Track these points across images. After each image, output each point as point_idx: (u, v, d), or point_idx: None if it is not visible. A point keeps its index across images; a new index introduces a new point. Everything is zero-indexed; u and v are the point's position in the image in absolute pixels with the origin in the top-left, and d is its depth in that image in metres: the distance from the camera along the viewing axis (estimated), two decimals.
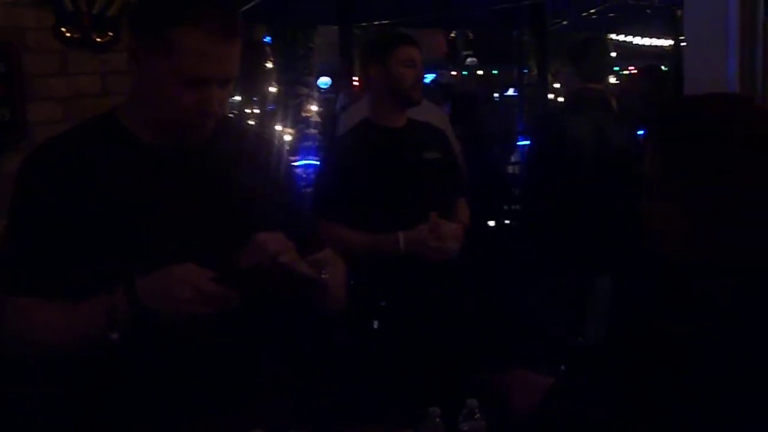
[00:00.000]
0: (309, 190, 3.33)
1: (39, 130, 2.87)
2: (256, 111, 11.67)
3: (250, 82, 11.19)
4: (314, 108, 11.36)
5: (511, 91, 14.67)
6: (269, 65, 11.51)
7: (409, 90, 3.10)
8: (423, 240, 2.92)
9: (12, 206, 1.72)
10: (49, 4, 2.97)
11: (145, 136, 1.74)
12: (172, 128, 1.71)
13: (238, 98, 12.42)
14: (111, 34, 3.09)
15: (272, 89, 11.55)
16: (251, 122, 11.37)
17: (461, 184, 3.38)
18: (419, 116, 3.35)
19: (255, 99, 11.76)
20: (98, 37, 3.08)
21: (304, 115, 11.12)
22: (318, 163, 3.31)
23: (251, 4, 8.38)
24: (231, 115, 2.00)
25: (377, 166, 3.04)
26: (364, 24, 10.05)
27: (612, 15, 11.19)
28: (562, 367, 2.67)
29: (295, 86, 11.42)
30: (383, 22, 9.97)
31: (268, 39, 11.70)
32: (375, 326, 3.03)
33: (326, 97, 12.51)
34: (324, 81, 13.29)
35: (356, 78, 8.07)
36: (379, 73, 3.10)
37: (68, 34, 3.02)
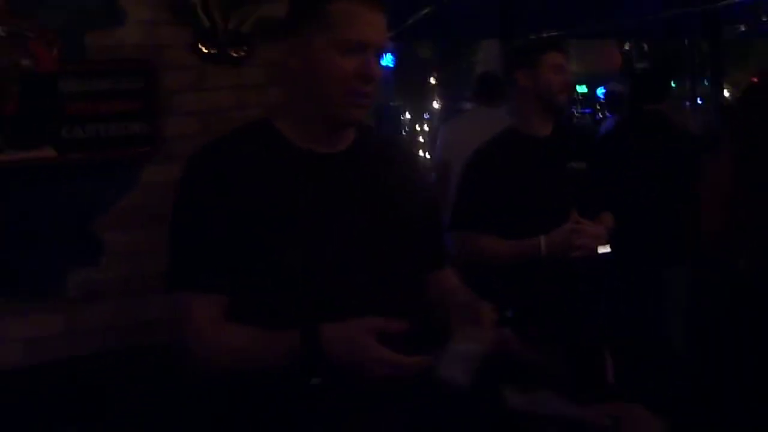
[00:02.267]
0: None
1: (176, 143, 2.97)
2: (425, 127, 11.76)
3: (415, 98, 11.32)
4: None
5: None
6: (432, 81, 11.56)
7: (557, 96, 3.06)
8: (564, 239, 2.86)
9: (176, 204, 1.82)
10: (187, 22, 3.07)
11: (296, 138, 1.83)
12: (331, 109, 1.78)
13: (408, 115, 12.58)
14: (246, 48, 3.16)
15: (436, 105, 11.60)
16: (420, 138, 11.47)
17: (608, 196, 3.27)
18: None
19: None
20: (234, 52, 3.16)
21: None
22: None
23: (413, 20, 8.49)
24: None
25: (523, 176, 3.00)
26: (529, 37, 9.94)
27: None
28: None
29: (459, 102, 11.41)
30: (550, 33, 9.81)
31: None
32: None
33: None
34: None
35: None
36: (526, 79, 3.06)
37: (205, 50, 3.11)
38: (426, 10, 8.33)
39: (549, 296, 2.95)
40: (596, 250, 2.92)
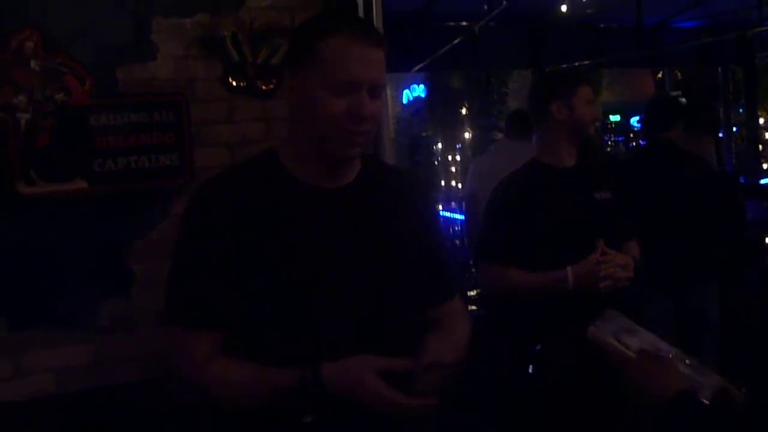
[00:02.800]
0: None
1: (206, 174, 2.98)
2: (457, 157, 11.79)
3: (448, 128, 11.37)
4: None
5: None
6: (463, 111, 11.60)
7: (588, 128, 3.07)
8: (591, 270, 2.84)
9: (179, 238, 1.82)
10: (217, 56, 3.13)
11: (298, 172, 1.81)
12: (328, 147, 1.75)
13: (440, 145, 12.62)
14: (275, 81, 3.21)
15: (467, 134, 11.62)
16: (452, 168, 11.49)
17: (633, 224, 3.25)
18: None
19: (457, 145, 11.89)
20: (263, 85, 3.20)
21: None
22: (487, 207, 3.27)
23: (444, 50, 8.53)
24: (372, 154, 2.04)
25: (548, 207, 3.00)
26: (561, 66, 9.94)
27: None
28: None
29: (490, 131, 11.44)
30: (582, 63, 9.81)
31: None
32: (530, 371, 2.95)
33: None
34: None
35: None
36: (561, 110, 3.06)
37: (234, 83, 3.16)
38: (457, 40, 8.36)
39: (577, 329, 2.93)
40: (624, 280, 2.90)
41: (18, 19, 2.84)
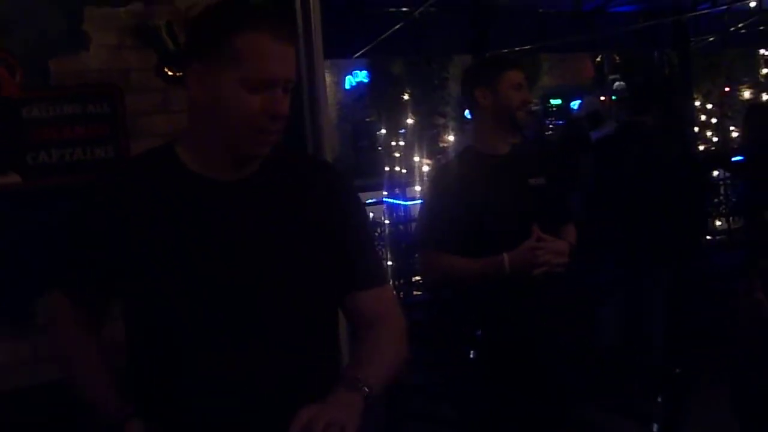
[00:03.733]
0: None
1: None
2: (400, 143, 11.79)
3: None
4: (452, 138, 11.35)
5: None
6: (406, 96, 11.61)
7: (516, 113, 3.07)
8: (526, 256, 2.87)
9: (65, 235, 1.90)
10: (151, 46, 3.07)
11: (194, 165, 1.76)
12: (236, 143, 1.71)
13: (383, 131, 12.61)
14: None
15: (409, 120, 11.63)
16: (395, 153, 11.49)
17: (568, 209, 3.30)
18: None
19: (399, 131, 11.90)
20: None
21: (441, 145, 11.14)
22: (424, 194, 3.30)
23: (385, 35, 8.52)
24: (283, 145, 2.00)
25: (483, 194, 3.01)
26: (502, 51, 9.99)
27: (763, 28, 10.67)
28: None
29: (432, 117, 11.46)
30: (523, 47, 9.87)
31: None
32: (471, 356, 2.98)
33: (467, 128, 12.49)
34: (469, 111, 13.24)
35: None
36: (486, 97, 3.07)
37: (170, 73, 3.12)
38: (398, 26, 8.36)
39: (516, 314, 2.96)
40: (559, 265, 2.93)
41: None
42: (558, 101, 17.60)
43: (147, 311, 1.75)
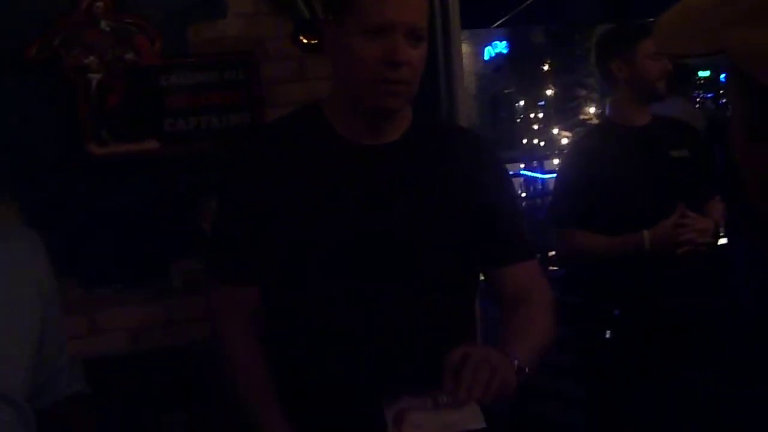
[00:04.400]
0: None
1: None
2: (539, 115, 11.57)
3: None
4: (593, 110, 11.05)
5: None
6: (546, 67, 11.36)
7: (656, 84, 2.93)
8: (669, 233, 2.74)
9: (220, 194, 1.89)
10: (287, 13, 3.07)
11: (341, 128, 1.75)
12: (366, 98, 1.68)
13: (522, 102, 12.41)
14: None
15: (549, 92, 11.37)
16: (533, 126, 11.30)
17: (714, 182, 3.12)
18: (665, 112, 3.15)
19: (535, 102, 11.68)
20: None
21: (582, 117, 10.84)
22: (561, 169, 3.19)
23: (525, 5, 8.35)
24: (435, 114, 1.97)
25: (622, 168, 2.89)
26: (646, 20, 9.62)
27: None
28: None
29: (573, 88, 11.16)
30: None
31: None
32: (607, 336, 2.88)
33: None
34: None
35: None
36: (622, 69, 2.93)
37: (305, 41, 3.10)
38: None
39: (657, 294, 2.83)
40: (704, 244, 2.78)
41: None
42: (707, 73, 16.88)
43: (294, 272, 1.74)
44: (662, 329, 2.83)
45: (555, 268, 4.95)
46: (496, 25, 9.13)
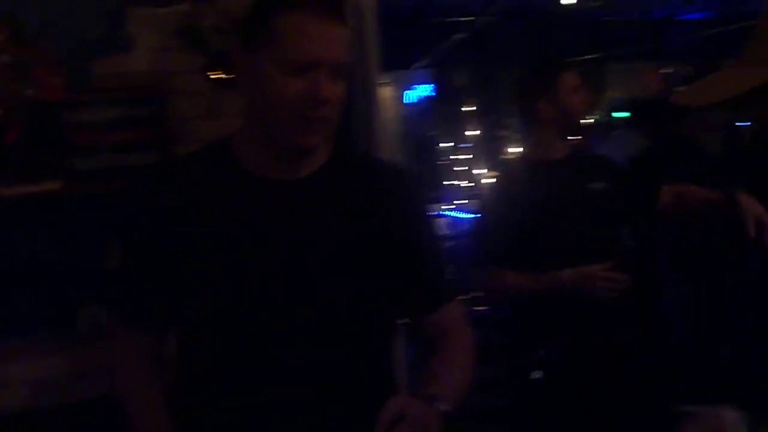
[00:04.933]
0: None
1: None
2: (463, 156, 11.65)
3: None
4: (516, 150, 11.15)
5: None
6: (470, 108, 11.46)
7: (578, 117, 2.91)
8: (591, 273, 2.68)
9: (124, 233, 1.75)
10: (198, 47, 2.97)
11: (249, 163, 1.66)
12: (283, 135, 1.59)
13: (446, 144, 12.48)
14: None
15: (472, 133, 11.46)
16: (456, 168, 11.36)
17: (629, 212, 3.09)
18: None
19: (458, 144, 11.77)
20: None
21: (504, 157, 10.94)
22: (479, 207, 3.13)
23: (444, 46, 8.41)
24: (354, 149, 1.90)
25: (541, 201, 2.84)
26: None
27: None
28: None
29: (495, 129, 11.27)
30: (586, 57, 9.65)
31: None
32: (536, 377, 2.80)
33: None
34: None
35: None
36: (546, 108, 2.90)
37: (218, 76, 3.00)
38: (462, 36, 8.24)
39: (580, 330, 2.77)
40: (622, 290, 2.72)
41: None
42: (625, 114, 17.26)
43: (201, 315, 1.64)
44: (588, 366, 2.77)
45: (482, 307, 4.90)
46: (415, 66, 9.18)
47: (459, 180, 11.06)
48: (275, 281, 1.61)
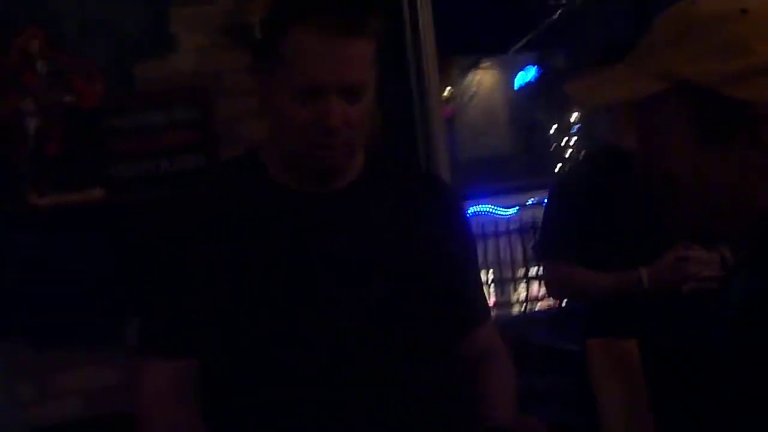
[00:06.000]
0: None
1: None
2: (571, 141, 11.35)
3: None
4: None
5: None
6: None
7: None
8: (670, 267, 2.46)
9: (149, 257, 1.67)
10: (245, 45, 2.86)
11: (280, 176, 1.56)
12: (300, 158, 1.50)
13: (554, 129, 12.19)
14: None
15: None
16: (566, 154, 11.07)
17: None
18: None
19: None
20: None
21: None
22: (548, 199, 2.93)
23: (541, 29, 8.16)
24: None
25: (617, 195, 2.62)
26: None
27: None
28: None
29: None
30: None
31: None
32: None
33: None
34: None
35: None
36: None
37: None
38: (555, 16, 7.97)
39: (656, 337, 2.54)
40: (711, 278, 2.48)
41: (23, 17, 2.64)
42: None
43: (237, 335, 1.53)
44: (665, 371, 2.54)
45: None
46: (514, 49, 8.94)
47: (567, 165, 10.78)
48: (309, 296, 1.51)
